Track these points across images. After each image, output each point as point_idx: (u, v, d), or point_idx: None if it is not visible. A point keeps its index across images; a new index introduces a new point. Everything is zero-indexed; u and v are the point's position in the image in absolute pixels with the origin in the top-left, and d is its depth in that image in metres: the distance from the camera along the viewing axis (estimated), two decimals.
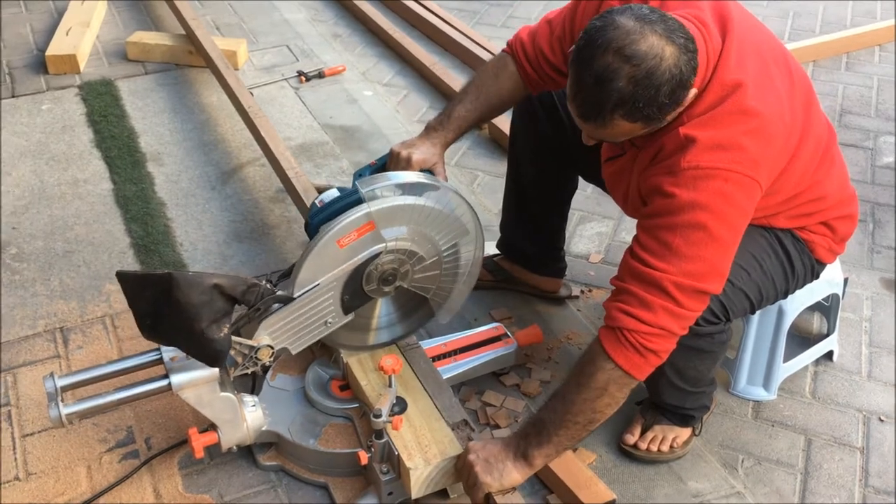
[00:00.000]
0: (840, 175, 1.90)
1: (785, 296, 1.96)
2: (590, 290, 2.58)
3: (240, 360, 1.79)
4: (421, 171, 1.95)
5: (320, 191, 2.89)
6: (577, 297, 2.54)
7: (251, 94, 3.30)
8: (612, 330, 1.62)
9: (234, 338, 1.72)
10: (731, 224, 1.59)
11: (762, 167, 1.60)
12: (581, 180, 2.34)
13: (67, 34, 3.84)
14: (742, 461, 2.05)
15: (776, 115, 1.62)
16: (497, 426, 2.09)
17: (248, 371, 1.82)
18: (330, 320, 1.88)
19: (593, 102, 1.53)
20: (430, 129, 2.04)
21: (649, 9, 1.54)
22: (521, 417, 2.12)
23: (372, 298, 1.91)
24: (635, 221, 1.73)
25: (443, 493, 1.88)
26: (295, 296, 1.79)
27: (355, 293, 1.87)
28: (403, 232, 1.84)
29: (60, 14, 4.16)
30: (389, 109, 3.56)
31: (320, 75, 3.77)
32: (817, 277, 2.00)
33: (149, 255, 2.64)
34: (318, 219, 1.84)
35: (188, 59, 3.80)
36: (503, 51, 2.05)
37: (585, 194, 2.88)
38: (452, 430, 1.84)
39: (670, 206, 1.58)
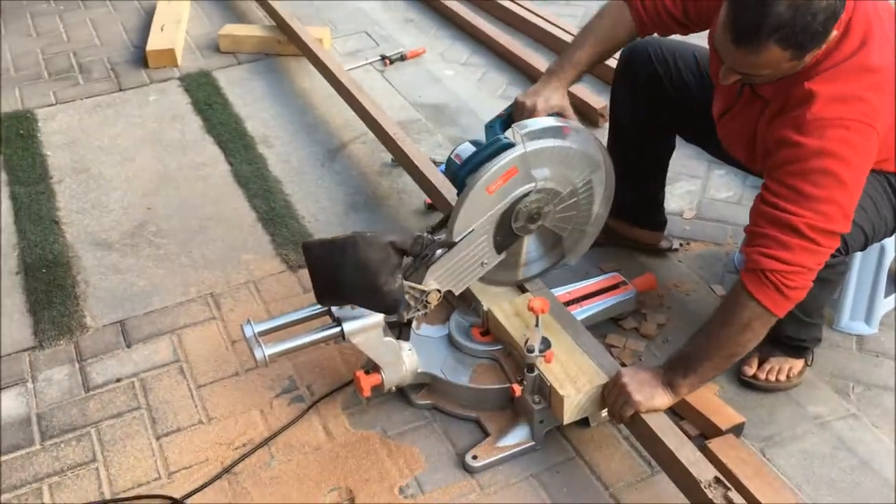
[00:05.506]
0: None
1: (892, 234, 2.12)
2: (688, 244, 2.76)
3: (412, 303, 2.01)
4: (549, 115, 2.10)
5: (434, 162, 3.07)
6: (676, 250, 2.72)
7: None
8: (755, 272, 1.78)
9: (406, 283, 1.94)
10: (855, 168, 1.75)
11: (880, 116, 1.76)
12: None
13: (162, 30, 4.08)
14: (853, 388, 2.22)
15: (894, 68, 1.78)
16: (623, 364, 2.28)
17: (420, 313, 2.05)
18: (486, 261, 2.09)
19: (752, 25, 1.64)
20: (550, 74, 2.17)
21: None
22: (643, 356, 2.31)
23: (519, 237, 2.11)
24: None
25: (583, 422, 2.09)
26: (455, 241, 2.00)
27: (506, 233, 2.07)
28: (547, 173, 2.03)
29: (147, 12, 4.42)
30: (472, 86, 3.75)
31: (402, 58, 3.97)
32: None
33: (277, 228, 2.86)
34: (464, 171, 2.03)
35: (277, 49, 4.02)
36: None
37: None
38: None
39: (798, 155, 1.74)
